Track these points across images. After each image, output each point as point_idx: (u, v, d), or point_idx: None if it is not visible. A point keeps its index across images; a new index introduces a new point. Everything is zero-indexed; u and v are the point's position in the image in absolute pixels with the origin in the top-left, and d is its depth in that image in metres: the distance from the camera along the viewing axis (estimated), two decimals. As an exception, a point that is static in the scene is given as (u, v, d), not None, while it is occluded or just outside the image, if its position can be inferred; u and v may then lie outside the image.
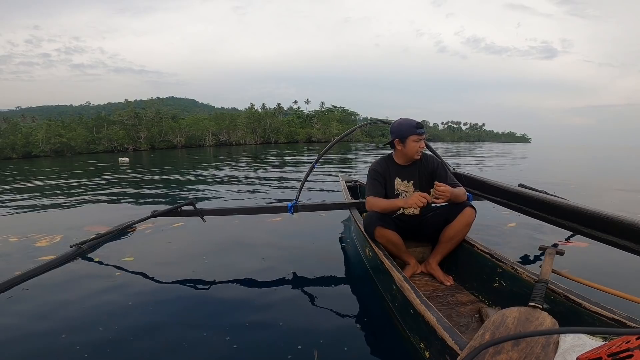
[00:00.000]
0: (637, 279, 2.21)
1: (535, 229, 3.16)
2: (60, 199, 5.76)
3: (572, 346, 1.10)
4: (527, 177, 8.55)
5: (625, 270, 2.28)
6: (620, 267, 2.32)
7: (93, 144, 37.70)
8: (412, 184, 2.07)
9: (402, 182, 2.07)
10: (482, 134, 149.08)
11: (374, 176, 2.06)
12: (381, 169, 2.08)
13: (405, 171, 2.08)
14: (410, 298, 1.39)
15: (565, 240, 2.94)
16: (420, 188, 2.06)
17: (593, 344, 1.07)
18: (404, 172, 2.08)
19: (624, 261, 2.20)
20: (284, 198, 5.33)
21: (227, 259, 2.66)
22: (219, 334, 1.61)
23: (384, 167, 2.09)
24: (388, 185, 2.08)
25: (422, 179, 2.08)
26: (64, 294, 2.05)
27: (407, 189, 2.06)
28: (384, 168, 2.09)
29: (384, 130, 75.11)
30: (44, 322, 1.75)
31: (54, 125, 36.83)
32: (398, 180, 2.07)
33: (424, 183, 2.07)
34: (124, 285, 2.17)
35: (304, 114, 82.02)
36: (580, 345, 1.09)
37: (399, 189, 2.07)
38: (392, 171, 2.08)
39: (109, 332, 1.63)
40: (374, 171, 2.08)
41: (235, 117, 56.43)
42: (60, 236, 3.25)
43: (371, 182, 2.06)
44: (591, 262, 2.48)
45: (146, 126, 42.37)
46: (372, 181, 2.06)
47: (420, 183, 2.07)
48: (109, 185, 7.65)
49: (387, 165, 2.10)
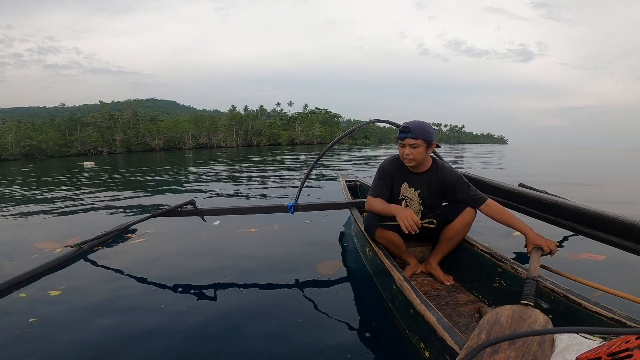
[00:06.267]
0: (637, 279, 2.19)
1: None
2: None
3: (569, 345, 1.11)
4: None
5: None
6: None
7: (65, 147, 36.35)
8: (417, 194, 1.94)
9: (409, 189, 1.94)
10: (462, 135, 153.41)
11: (382, 175, 1.92)
12: (391, 168, 1.92)
13: (415, 178, 1.92)
14: (410, 298, 1.39)
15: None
16: (427, 199, 1.95)
17: (589, 343, 1.08)
18: (413, 178, 1.93)
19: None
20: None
21: (227, 259, 2.63)
22: (219, 334, 1.61)
23: (395, 167, 1.93)
24: (394, 187, 1.95)
25: (430, 190, 1.93)
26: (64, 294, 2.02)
27: (412, 197, 1.94)
28: (395, 169, 1.93)
29: (366, 131, 76.16)
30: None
31: (24, 127, 35.28)
32: (405, 186, 1.94)
33: (433, 195, 1.94)
34: (120, 290, 2.10)
35: (286, 116, 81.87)
36: (577, 344, 1.10)
37: (404, 195, 1.96)
38: (402, 174, 1.93)
39: (106, 334, 1.61)
40: (383, 169, 1.93)
41: (216, 119, 55.66)
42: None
43: (376, 182, 1.92)
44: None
45: (122, 128, 41.24)
46: (378, 181, 1.92)
47: (428, 195, 1.93)
48: (51, 191, 7.04)
49: (399, 166, 1.93)
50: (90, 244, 2.75)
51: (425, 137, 1.78)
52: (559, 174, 10.11)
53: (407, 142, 1.79)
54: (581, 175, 10.16)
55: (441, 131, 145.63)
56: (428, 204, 1.97)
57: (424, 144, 1.79)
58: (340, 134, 24.03)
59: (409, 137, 1.77)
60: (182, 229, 3.38)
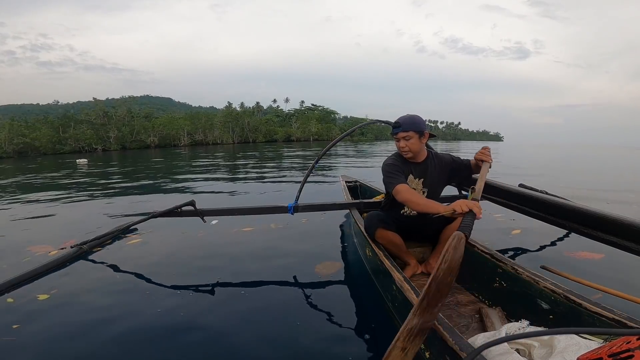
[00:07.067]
0: (633, 276, 2.20)
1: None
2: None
3: (567, 345, 1.11)
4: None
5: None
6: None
7: (59, 145, 35.84)
8: (421, 182, 2.00)
9: (414, 180, 1.99)
10: (458, 132, 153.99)
11: (392, 169, 1.89)
12: (400, 163, 1.95)
13: (417, 168, 1.99)
14: (410, 298, 1.39)
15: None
16: (429, 186, 2.01)
17: (587, 343, 1.08)
18: (416, 169, 1.99)
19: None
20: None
21: (225, 260, 2.63)
22: (219, 334, 1.61)
23: (401, 161, 1.97)
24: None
25: (432, 176, 2.01)
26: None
27: (417, 187, 1.99)
28: (401, 162, 1.96)
29: (362, 129, 76.25)
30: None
31: (17, 125, 34.75)
32: (411, 178, 1.99)
33: (435, 180, 2.01)
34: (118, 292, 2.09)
35: (283, 112, 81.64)
36: (575, 345, 1.10)
37: (411, 186, 1.96)
38: (407, 167, 1.98)
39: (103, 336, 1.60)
40: (392, 165, 1.93)
41: (212, 116, 55.25)
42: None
43: (392, 174, 1.86)
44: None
45: (116, 125, 40.75)
46: (393, 173, 1.87)
47: (430, 181, 2.00)
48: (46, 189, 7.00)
49: (402, 161, 1.98)
50: (91, 244, 2.73)
51: (416, 128, 1.88)
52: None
53: (400, 135, 1.90)
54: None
55: (437, 128, 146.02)
56: (431, 190, 2.03)
57: (416, 135, 1.88)
58: (336, 130, 24.04)
59: (401, 131, 1.89)
60: (180, 229, 3.35)
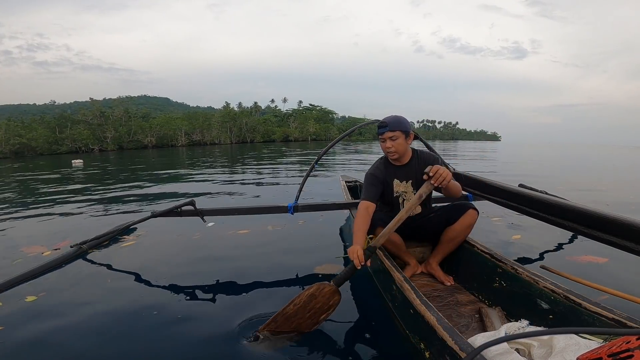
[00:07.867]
0: (639, 282, 2.17)
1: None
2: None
3: (567, 345, 1.11)
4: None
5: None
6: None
7: (56, 145, 35.64)
8: (410, 184, 1.98)
9: (400, 183, 1.99)
10: (456, 132, 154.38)
11: (371, 181, 1.95)
12: (378, 173, 1.98)
13: (402, 171, 1.99)
14: (410, 298, 1.39)
15: None
16: (419, 187, 1.97)
17: (587, 343, 1.08)
18: (401, 172, 1.99)
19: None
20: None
21: (226, 259, 2.62)
22: (216, 337, 1.60)
23: (382, 170, 1.99)
24: (387, 189, 1.99)
25: (419, 177, 1.96)
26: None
27: (407, 189, 1.98)
28: (381, 171, 1.98)
29: (361, 129, 75.93)
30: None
31: (14, 125, 34.67)
32: (397, 182, 1.99)
33: (423, 181, 1.99)
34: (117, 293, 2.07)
35: (281, 112, 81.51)
36: (575, 344, 1.10)
37: (399, 191, 1.99)
38: (390, 173, 1.99)
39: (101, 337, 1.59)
40: (371, 175, 1.97)
41: (210, 116, 55.11)
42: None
43: (366, 187, 1.95)
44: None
45: (113, 125, 40.56)
46: (368, 186, 1.94)
47: (417, 182, 1.96)
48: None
49: (385, 167, 2.00)
50: (90, 244, 2.72)
51: (402, 128, 1.87)
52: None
53: (386, 135, 1.87)
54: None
55: (435, 128, 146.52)
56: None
57: (402, 135, 1.87)
58: (334, 130, 24.05)
59: (387, 131, 1.86)
60: (175, 230, 3.32)
